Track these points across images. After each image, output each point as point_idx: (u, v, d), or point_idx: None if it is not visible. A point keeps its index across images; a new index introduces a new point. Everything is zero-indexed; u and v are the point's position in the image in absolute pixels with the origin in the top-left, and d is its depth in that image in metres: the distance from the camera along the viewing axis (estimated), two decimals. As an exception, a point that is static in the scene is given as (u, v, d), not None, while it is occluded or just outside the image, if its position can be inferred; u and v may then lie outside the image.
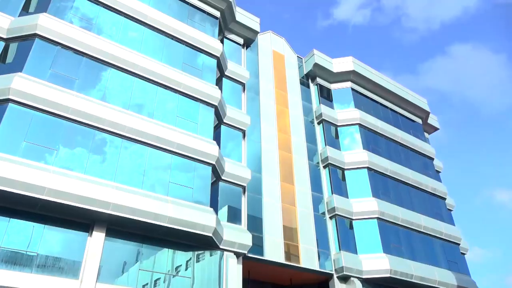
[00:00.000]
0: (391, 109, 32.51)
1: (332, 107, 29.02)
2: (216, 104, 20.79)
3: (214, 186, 19.47)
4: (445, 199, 30.70)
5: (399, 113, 33.02)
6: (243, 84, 24.91)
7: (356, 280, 21.91)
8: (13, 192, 13.16)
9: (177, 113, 19.24)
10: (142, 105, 18.32)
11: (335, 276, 22.06)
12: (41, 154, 14.59)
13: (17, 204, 13.73)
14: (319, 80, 29.82)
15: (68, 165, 14.96)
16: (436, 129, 37.02)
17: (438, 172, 33.18)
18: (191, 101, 20.13)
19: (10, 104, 14.78)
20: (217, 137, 20.73)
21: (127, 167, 16.52)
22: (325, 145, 26.51)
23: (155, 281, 15.98)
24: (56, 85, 16.01)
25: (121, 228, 15.66)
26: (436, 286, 24.21)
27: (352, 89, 30.22)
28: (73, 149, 15.50)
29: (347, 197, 25.05)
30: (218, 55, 22.45)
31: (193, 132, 19.16)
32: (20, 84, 14.98)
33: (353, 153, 26.88)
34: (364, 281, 22.24)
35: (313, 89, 29.65)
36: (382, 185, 26.58)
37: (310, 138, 26.72)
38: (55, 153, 14.91)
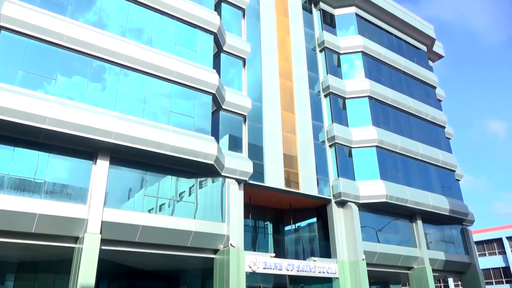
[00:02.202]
0: (395, 36, 31.50)
1: (335, 33, 28.07)
2: (215, 31, 20.12)
3: (215, 115, 19.51)
4: (444, 127, 30.93)
5: (403, 40, 32.05)
6: (243, 10, 23.87)
7: (353, 204, 22.83)
8: (14, 122, 13.24)
9: (176, 41, 18.70)
10: (138, 33, 17.75)
11: (333, 201, 22.95)
12: (39, 83, 14.44)
13: (20, 133, 13.88)
14: (322, 5, 28.51)
15: (67, 94, 14.88)
16: (440, 56, 36.19)
17: (439, 100, 33.03)
18: (190, 28, 19.46)
19: (2, 32, 14.31)
20: (217, 66, 20.34)
21: (127, 96, 16.44)
22: (327, 74, 26.10)
23: (160, 206, 16.68)
24: (48, 11, 15.37)
25: (125, 156, 15.99)
26: (430, 210, 25.28)
27: (356, 14, 29.00)
28: (71, 78, 15.31)
29: (347, 126, 25.21)
30: (216, -22, 21.27)
31: (192, 60, 18.77)
32: (11, 10, 14.37)
33: (354, 82, 26.56)
34: (360, 205, 23.18)
35: (316, 14, 28.47)
36: (382, 113, 26.62)
37: (312, 66, 26.22)
38: (53, 82, 14.75)
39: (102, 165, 15.34)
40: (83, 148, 15.13)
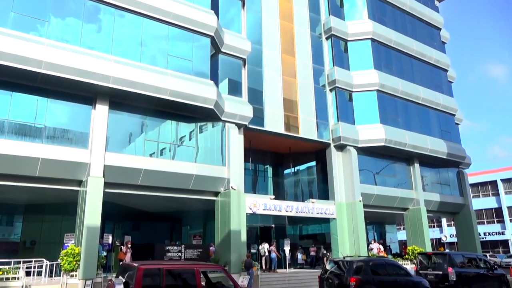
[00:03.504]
0: (401, -27, 30.02)
1: (338, -29, 26.73)
2: (213, -32, 19.15)
3: (214, 58, 19.13)
4: (447, 70, 30.44)
5: (410, -23, 30.59)
6: None
7: (352, 148, 23.07)
8: (9, 66, 12.99)
9: (171, -21, 17.84)
10: (132, -30, 16.88)
11: (332, 145, 23.16)
12: (32, 25, 14.00)
13: (16, 77, 13.66)
14: None
15: (62, 36, 14.47)
16: (447, -4, 34.72)
17: (443, 43, 32.20)
18: (185, -35, 18.49)
19: (-11, -30, 13.62)
20: (214, 6, 19.57)
21: (124, 38, 16.02)
22: (329, 15, 25.21)
23: (161, 150, 16.87)
24: None
25: (124, 101, 15.88)
26: (428, 153, 25.58)
27: (361, -51, 27.43)
28: (65, 19, 14.82)
29: (349, 70, 24.80)
30: None
31: (189, 1, 18.03)
32: None
33: (357, 23, 25.73)
34: (359, 149, 23.43)
35: (319, -50, 26.90)
36: (385, 56, 26.08)
37: (313, 6, 25.24)
38: (47, 24, 14.29)
39: (102, 109, 15.30)
40: (81, 92, 14.99)
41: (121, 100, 15.81)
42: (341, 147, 23.30)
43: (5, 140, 13.20)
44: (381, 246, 23.22)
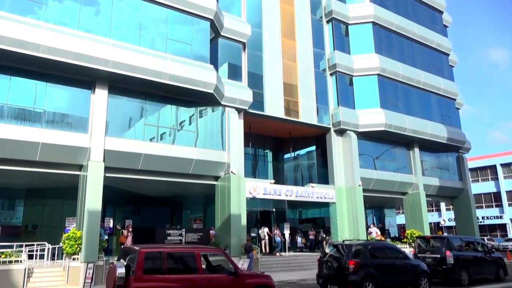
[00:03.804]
0: (404, -45, 29.51)
1: (339, -48, 26.26)
2: (212, -51, 18.80)
3: (214, 42, 18.96)
4: (448, 54, 30.20)
5: (412, -41, 30.09)
6: None
7: (352, 133, 23.05)
8: (7, 50, 12.87)
9: (170, -39, 17.56)
10: (130, -48, 16.59)
11: (332, 129, 23.14)
12: (30, 8, 13.83)
13: (14, 62, 13.57)
14: None
15: (60, 19, 14.30)
16: (450, -22, 34.18)
17: (445, 26, 31.86)
18: None
19: (-15, -49, 13.38)
20: (214, -11, 19.31)
21: (122, 21, 15.84)
22: (330, -3, 24.88)
23: (161, 135, 16.86)
24: None
25: (123, 85, 15.79)
26: (428, 138, 25.58)
27: None
28: (62, 2, 14.63)
29: (349, 54, 24.60)
30: None
31: (188, -17, 17.77)
32: None
33: (358, 6, 25.41)
34: (359, 134, 23.41)
35: None
36: (386, 41, 25.84)
37: (314, -11, 24.90)
38: (44, 7, 14.11)
39: (101, 94, 15.23)
40: (80, 77, 14.90)
41: (121, 85, 15.73)
42: (341, 132, 23.29)
43: (5, 124, 13.19)
44: (378, 230, 23.42)
